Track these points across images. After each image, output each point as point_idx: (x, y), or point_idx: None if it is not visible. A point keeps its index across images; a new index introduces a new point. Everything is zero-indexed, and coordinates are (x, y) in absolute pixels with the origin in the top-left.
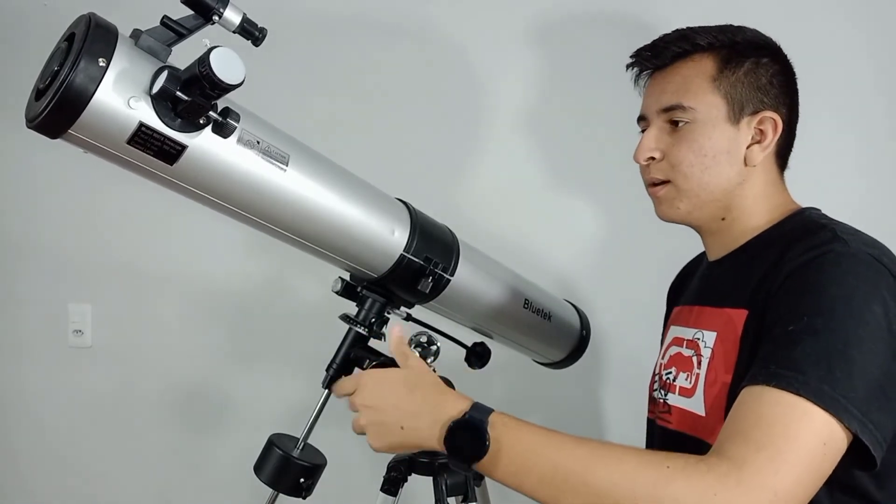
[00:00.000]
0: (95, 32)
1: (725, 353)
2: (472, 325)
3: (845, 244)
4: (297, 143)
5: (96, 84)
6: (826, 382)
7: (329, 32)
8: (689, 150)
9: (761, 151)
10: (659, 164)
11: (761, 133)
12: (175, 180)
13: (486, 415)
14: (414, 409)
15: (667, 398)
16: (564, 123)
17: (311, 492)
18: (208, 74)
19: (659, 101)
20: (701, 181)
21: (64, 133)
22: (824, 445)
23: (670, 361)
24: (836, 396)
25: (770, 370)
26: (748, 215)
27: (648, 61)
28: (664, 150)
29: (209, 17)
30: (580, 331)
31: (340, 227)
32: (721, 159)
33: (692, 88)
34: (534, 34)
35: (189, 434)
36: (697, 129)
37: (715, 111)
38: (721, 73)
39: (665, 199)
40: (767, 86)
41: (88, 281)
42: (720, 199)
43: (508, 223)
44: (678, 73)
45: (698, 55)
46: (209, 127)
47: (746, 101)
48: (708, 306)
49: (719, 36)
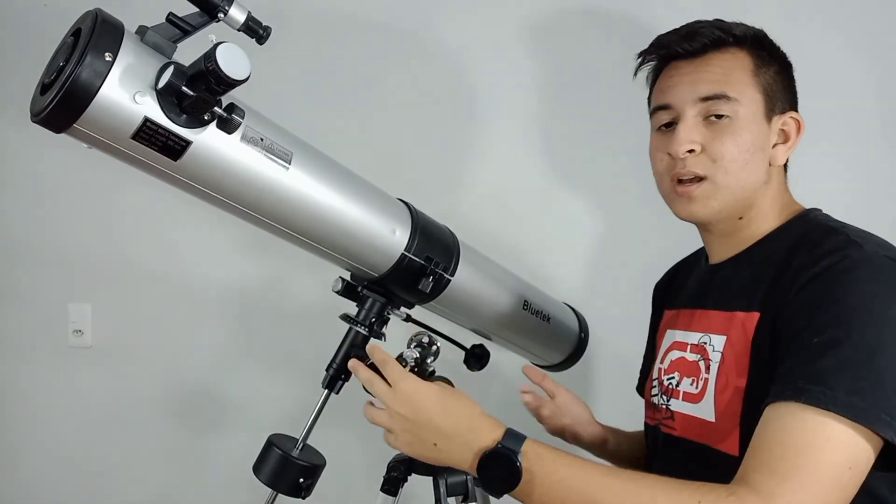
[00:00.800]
0: (102, 28)
1: (737, 356)
2: (471, 326)
3: (860, 248)
4: (299, 142)
5: (102, 78)
6: (855, 394)
7: (331, 32)
8: (733, 143)
9: (785, 152)
10: (698, 158)
11: (784, 134)
12: (179, 176)
13: (518, 444)
14: (448, 431)
15: (669, 404)
16: (563, 125)
17: (310, 492)
18: (214, 70)
19: (695, 89)
20: (739, 178)
21: (69, 127)
22: (850, 469)
23: (672, 366)
24: (868, 407)
25: (797, 385)
26: (762, 216)
27: (680, 45)
28: (702, 143)
29: (214, 15)
30: (579, 333)
31: (342, 226)
32: (758, 156)
33: (734, 79)
34: (533, 34)
35: (189, 434)
36: (740, 122)
37: (755, 106)
38: (759, 68)
39: (700, 198)
40: (792, 87)
41: (88, 281)
42: (749, 197)
43: (507, 225)
44: (716, 62)
45: (735, 48)
46: (213, 123)
47: (778, 100)
48: (713, 309)
49: (749, 31)
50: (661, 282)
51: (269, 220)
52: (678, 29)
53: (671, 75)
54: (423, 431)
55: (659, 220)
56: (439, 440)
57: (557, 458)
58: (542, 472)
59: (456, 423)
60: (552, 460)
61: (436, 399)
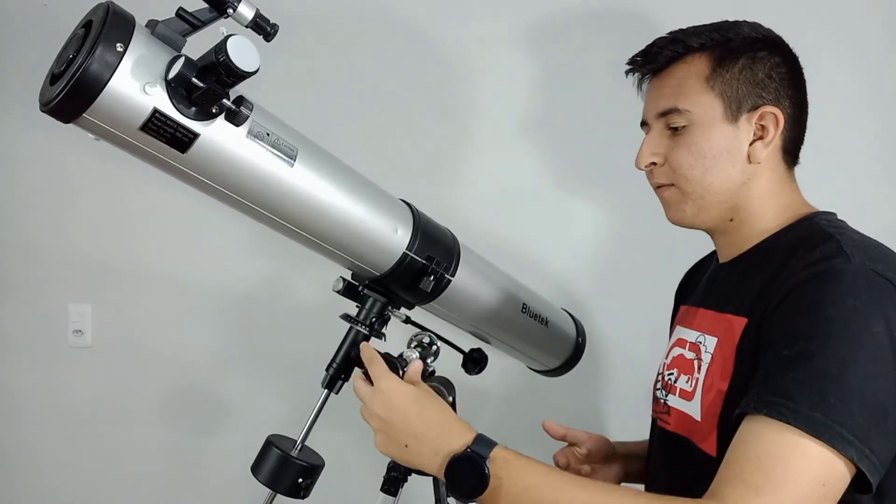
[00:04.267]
0: (114, 19)
1: (724, 360)
2: (470, 328)
3: (847, 260)
4: (304, 139)
5: (113, 69)
6: (818, 410)
7: (333, 32)
8: (688, 152)
9: (764, 147)
10: (661, 169)
11: (763, 129)
12: (185, 169)
13: (488, 450)
14: (420, 433)
15: (667, 399)
16: (565, 126)
17: (309, 492)
18: (225, 61)
19: (656, 105)
20: (703, 183)
21: (78, 117)
22: (823, 486)
23: (673, 362)
24: (831, 424)
25: (762, 397)
26: (756, 215)
27: (643, 67)
28: (665, 154)
29: (223, 11)
30: (576, 338)
31: (345, 224)
32: (722, 159)
33: (686, 90)
34: (535, 34)
35: (188, 434)
36: (695, 130)
37: (711, 111)
38: (715, 71)
39: (671, 202)
40: (766, 80)
41: (88, 281)
42: (726, 199)
43: (507, 227)
44: (673, 76)
45: (691, 56)
46: (221, 116)
47: (744, 98)
48: (711, 309)
49: (712, 35)
50: (684, 277)
51: (273, 216)
52: (640, 51)
53: (647, 92)
54: (394, 431)
55: (663, 220)
56: (410, 441)
57: (526, 466)
58: (509, 479)
59: (428, 425)
60: (521, 467)
61: (411, 400)
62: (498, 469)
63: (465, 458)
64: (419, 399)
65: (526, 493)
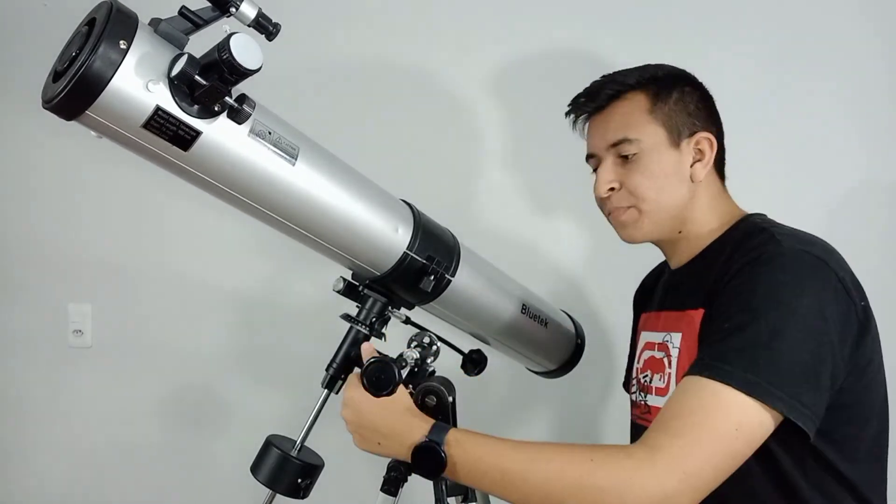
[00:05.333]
0: (117, 17)
1: (689, 350)
2: (469, 329)
3: (778, 244)
4: (306, 138)
5: (116, 66)
6: (750, 371)
7: (334, 32)
8: (642, 176)
9: (703, 168)
10: (619, 194)
11: (700, 152)
12: (187, 167)
13: (443, 435)
14: (386, 432)
15: (646, 399)
16: (565, 126)
17: (308, 492)
18: (228, 59)
19: (605, 138)
20: (659, 202)
21: (81, 114)
22: (737, 430)
23: (645, 365)
24: (759, 381)
25: (704, 362)
26: (700, 225)
27: (586, 106)
28: (620, 181)
29: (226, 10)
30: (575, 339)
31: (345, 223)
32: (672, 180)
33: (632, 122)
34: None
35: (188, 434)
36: (645, 156)
37: (657, 138)
38: (654, 105)
39: (629, 222)
40: (695, 111)
41: (88, 281)
42: (676, 215)
43: (507, 228)
44: (616, 112)
45: (630, 94)
46: (223, 114)
47: (682, 126)
48: (673, 310)
49: (644, 74)
50: (639, 288)
51: (274, 215)
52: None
53: (590, 128)
54: (367, 433)
55: None
56: (381, 439)
57: (474, 441)
58: (462, 456)
59: (392, 424)
60: (471, 444)
61: (374, 404)
62: (452, 449)
63: (423, 447)
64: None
65: (477, 463)
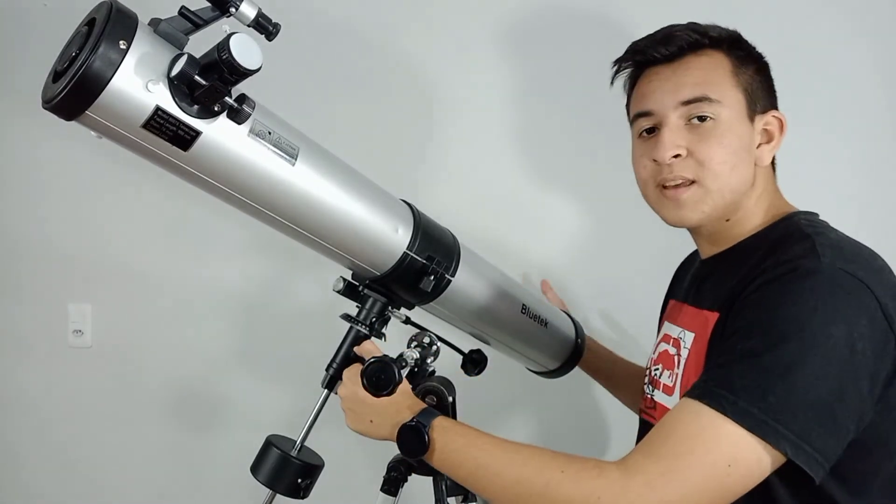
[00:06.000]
0: (117, 17)
1: (698, 355)
2: (469, 329)
3: (817, 259)
4: (306, 138)
5: (116, 66)
6: (756, 405)
7: (334, 32)
8: (719, 145)
9: (770, 151)
10: (685, 162)
11: (767, 133)
12: (187, 167)
13: (429, 419)
14: (381, 410)
15: (653, 394)
16: (565, 126)
17: (308, 492)
18: (228, 59)
19: (677, 94)
20: (730, 180)
21: (80, 114)
22: (730, 466)
23: (658, 358)
24: (765, 419)
25: (707, 386)
26: (748, 217)
27: (656, 50)
28: (687, 147)
29: (226, 10)
30: (575, 339)
31: (346, 223)
32: (744, 157)
33: (715, 80)
34: (523, 32)
35: (188, 434)
36: (724, 124)
37: (738, 106)
38: (738, 68)
39: (689, 202)
40: (771, 86)
41: (88, 281)
42: (735, 200)
43: (507, 228)
44: (695, 66)
45: (711, 50)
46: (223, 114)
47: (758, 100)
48: (692, 306)
49: (725, 35)
50: (676, 271)
51: (274, 215)
52: (653, 34)
53: (650, 80)
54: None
55: (659, 220)
56: (374, 417)
57: (459, 431)
58: (443, 442)
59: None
60: (454, 433)
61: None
62: (436, 434)
63: (410, 426)
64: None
65: (455, 452)
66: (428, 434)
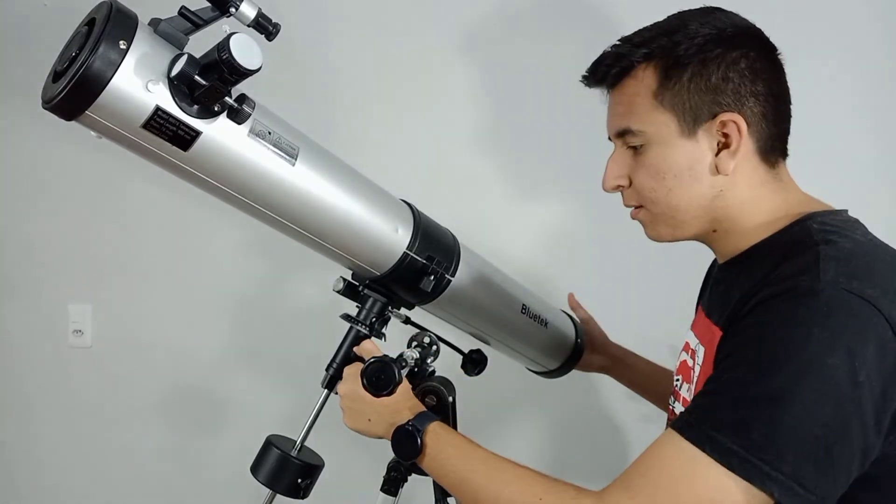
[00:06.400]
0: (117, 17)
1: (705, 374)
2: (469, 329)
3: (816, 277)
4: (305, 138)
5: (116, 66)
6: (738, 443)
7: (334, 32)
8: (647, 174)
9: (731, 157)
10: (629, 192)
11: (726, 136)
12: (187, 167)
13: (425, 424)
14: (380, 409)
15: (674, 407)
16: (565, 127)
17: (308, 492)
18: (228, 59)
19: (612, 124)
20: (669, 204)
21: (80, 114)
22: None
23: (679, 368)
24: (748, 458)
25: (689, 419)
26: (741, 222)
27: (590, 82)
28: (628, 175)
29: (226, 10)
30: (575, 339)
31: (345, 223)
32: (684, 177)
33: (636, 109)
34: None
35: (188, 434)
36: (651, 151)
37: (665, 129)
38: (662, 85)
39: (645, 223)
40: (721, 83)
41: (88, 281)
42: (700, 215)
43: (507, 228)
44: (624, 92)
45: (642, 65)
46: (223, 115)
47: (698, 108)
48: (706, 313)
49: (659, 41)
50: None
51: (274, 215)
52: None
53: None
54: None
55: None
56: (372, 416)
57: (449, 440)
58: (434, 449)
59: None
60: (445, 442)
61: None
62: (429, 439)
63: (404, 429)
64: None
65: (444, 461)
66: (422, 438)
